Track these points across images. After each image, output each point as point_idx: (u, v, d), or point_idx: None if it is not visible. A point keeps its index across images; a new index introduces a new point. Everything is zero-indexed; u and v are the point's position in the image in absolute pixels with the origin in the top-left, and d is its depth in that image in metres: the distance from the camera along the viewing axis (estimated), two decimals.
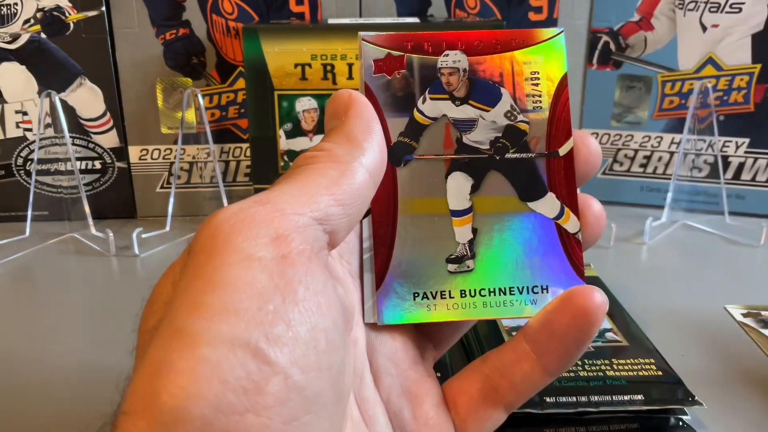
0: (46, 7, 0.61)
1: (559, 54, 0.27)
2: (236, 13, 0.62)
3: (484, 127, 0.26)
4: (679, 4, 0.63)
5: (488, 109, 0.26)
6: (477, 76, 0.26)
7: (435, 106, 0.26)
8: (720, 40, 0.63)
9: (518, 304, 0.26)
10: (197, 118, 0.61)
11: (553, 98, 0.26)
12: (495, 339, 0.37)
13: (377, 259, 0.25)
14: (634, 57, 0.65)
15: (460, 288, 0.26)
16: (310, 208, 0.20)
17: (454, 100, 0.26)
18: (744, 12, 0.62)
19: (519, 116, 0.26)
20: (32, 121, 0.63)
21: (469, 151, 0.26)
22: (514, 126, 0.26)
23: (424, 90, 0.26)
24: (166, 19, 0.62)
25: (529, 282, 0.26)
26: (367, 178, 0.22)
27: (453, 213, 0.26)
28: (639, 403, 0.32)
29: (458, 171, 0.26)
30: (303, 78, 0.57)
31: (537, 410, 0.31)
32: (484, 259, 0.26)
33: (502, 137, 0.26)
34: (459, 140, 0.26)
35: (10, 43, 0.61)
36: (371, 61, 0.26)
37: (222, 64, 0.64)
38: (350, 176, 0.22)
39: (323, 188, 0.21)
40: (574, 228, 0.26)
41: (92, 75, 0.63)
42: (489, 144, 0.26)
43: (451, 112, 0.26)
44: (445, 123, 0.26)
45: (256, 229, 0.19)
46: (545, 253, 0.26)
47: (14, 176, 0.65)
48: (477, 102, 0.26)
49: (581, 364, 0.34)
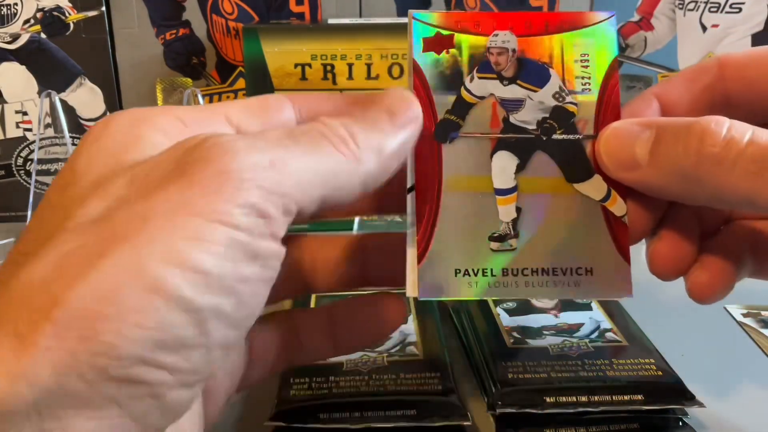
0: (46, 7, 0.61)
1: (610, 38, 0.26)
2: (236, 13, 0.62)
3: (531, 107, 0.26)
4: (679, 4, 0.63)
5: (536, 90, 0.26)
6: (526, 56, 0.26)
7: (482, 85, 0.26)
8: (720, 40, 0.63)
9: (561, 286, 0.26)
10: None
11: (603, 81, 0.26)
12: (495, 338, 0.37)
13: (420, 234, 0.25)
14: (634, 57, 0.65)
15: (502, 267, 0.26)
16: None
17: (502, 79, 0.26)
18: (744, 12, 0.62)
19: (567, 97, 0.26)
20: (32, 121, 0.63)
21: (515, 130, 0.26)
22: (562, 107, 0.26)
23: (472, 69, 0.26)
24: (166, 19, 0.62)
25: (573, 263, 0.26)
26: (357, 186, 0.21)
27: (497, 192, 0.26)
28: (639, 403, 0.32)
29: (504, 150, 0.26)
30: (303, 78, 0.57)
31: (537, 410, 0.31)
32: (528, 239, 0.26)
33: (550, 118, 0.26)
34: (506, 119, 0.26)
35: (10, 43, 0.61)
36: (420, 38, 0.26)
37: (222, 64, 0.64)
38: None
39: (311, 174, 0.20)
40: (620, 211, 0.26)
41: (92, 75, 0.63)
42: (536, 124, 0.26)
43: (499, 92, 0.26)
44: (492, 102, 0.26)
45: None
46: (590, 235, 0.26)
47: (14, 176, 0.65)
48: (525, 82, 0.26)
49: (581, 364, 0.34)
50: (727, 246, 0.27)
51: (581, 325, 0.38)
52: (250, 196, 0.18)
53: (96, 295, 0.16)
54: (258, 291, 0.19)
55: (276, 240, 0.19)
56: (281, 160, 0.19)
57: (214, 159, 0.18)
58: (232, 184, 0.18)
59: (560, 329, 0.38)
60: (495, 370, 0.34)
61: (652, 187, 0.25)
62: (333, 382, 0.33)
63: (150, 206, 0.17)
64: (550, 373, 0.33)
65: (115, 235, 0.17)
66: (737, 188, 0.22)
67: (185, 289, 0.17)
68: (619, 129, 0.26)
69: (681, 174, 0.23)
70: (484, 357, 0.36)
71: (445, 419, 0.31)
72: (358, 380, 0.33)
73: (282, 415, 0.31)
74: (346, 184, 0.21)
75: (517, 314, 0.39)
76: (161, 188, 0.18)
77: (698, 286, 0.26)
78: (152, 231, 0.17)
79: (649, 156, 0.24)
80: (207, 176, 0.18)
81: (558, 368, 0.33)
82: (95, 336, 0.16)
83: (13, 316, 0.16)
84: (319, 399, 0.31)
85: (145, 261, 0.17)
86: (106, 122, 0.21)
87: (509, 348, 0.36)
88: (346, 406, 0.31)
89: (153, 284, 0.16)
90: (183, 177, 0.18)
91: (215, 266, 0.17)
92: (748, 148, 0.22)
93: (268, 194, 0.18)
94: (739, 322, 0.43)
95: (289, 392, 0.32)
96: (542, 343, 0.36)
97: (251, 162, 0.18)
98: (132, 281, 0.16)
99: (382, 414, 0.31)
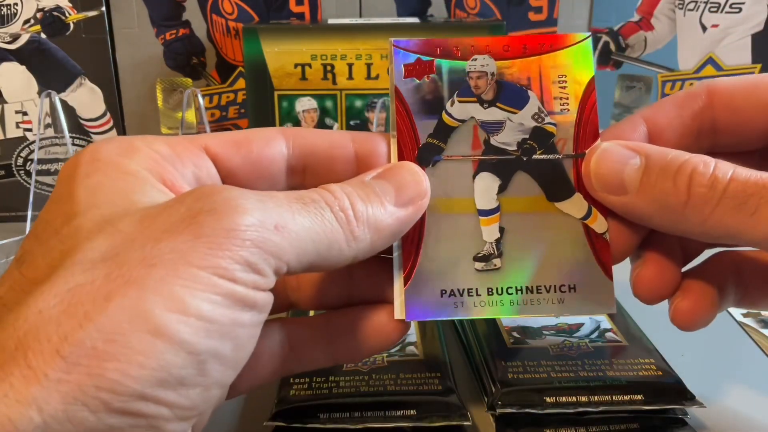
0: (46, 7, 0.61)
1: (586, 58, 0.27)
2: (236, 13, 0.62)
3: (511, 129, 0.27)
4: (679, 4, 0.63)
5: (516, 111, 0.27)
6: (504, 79, 0.27)
7: (463, 109, 0.27)
8: (720, 40, 0.63)
9: (545, 303, 0.26)
10: (197, 119, 0.61)
11: (581, 101, 0.27)
12: (495, 339, 0.37)
13: (405, 257, 0.26)
14: (634, 57, 0.65)
15: (487, 286, 0.26)
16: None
17: (482, 102, 0.27)
18: (744, 12, 0.62)
19: (546, 118, 0.27)
20: (32, 121, 0.63)
21: (496, 152, 0.27)
22: (542, 128, 0.27)
23: (452, 93, 0.27)
24: (166, 19, 0.62)
25: (556, 281, 0.26)
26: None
27: (480, 212, 0.26)
28: (639, 403, 0.32)
29: (486, 171, 0.27)
30: (303, 78, 0.57)
31: (537, 410, 0.31)
32: (512, 258, 0.26)
33: (530, 139, 0.27)
34: (487, 142, 0.27)
35: (10, 43, 0.61)
36: (402, 65, 0.27)
37: (222, 64, 0.64)
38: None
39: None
40: (601, 228, 0.26)
41: (92, 75, 0.63)
42: (516, 145, 0.27)
43: (479, 115, 0.27)
44: (473, 125, 0.27)
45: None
46: (573, 252, 0.26)
47: (14, 176, 0.65)
48: (504, 104, 0.27)
49: (581, 363, 0.34)
50: (710, 274, 0.27)
51: (581, 325, 0.38)
52: (251, 256, 0.19)
53: (104, 335, 0.17)
54: (252, 333, 0.21)
55: (267, 291, 0.21)
56: (285, 225, 0.20)
57: (223, 214, 0.19)
58: (236, 242, 0.19)
59: (560, 329, 0.38)
60: (495, 370, 0.34)
61: (636, 214, 0.26)
62: (333, 382, 0.33)
63: (157, 253, 0.19)
64: (550, 373, 0.33)
65: (123, 277, 0.18)
66: (720, 224, 0.23)
67: (186, 334, 0.18)
68: (609, 151, 0.26)
69: (668, 207, 0.24)
70: (484, 357, 0.36)
71: (445, 419, 0.31)
72: (358, 380, 0.33)
73: (282, 415, 0.31)
74: (337, 258, 0.22)
75: None
76: (170, 235, 0.19)
77: (681, 313, 0.27)
78: (158, 278, 0.18)
79: (638, 185, 0.25)
80: (214, 230, 0.19)
81: (558, 368, 0.33)
82: (101, 373, 0.17)
83: (24, 347, 0.17)
84: (319, 399, 0.31)
85: (150, 306, 0.18)
86: (92, 155, 0.22)
87: (509, 348, 0.36)
88: (346, 406, 0.31)
89: (156, 328, 0.18)
90: (191, 227, 0.19)
91: (214, 313, 0.19)
92: (730, 185, 0.23)
93: (266, 255, 0.20)
94: (739, 322, 0.43)
95: (289, 392, 0.32)
96: (542, 343, 0.36)
97: (257, 222, 0.20)
98: (137, 325, 0.18)
99: (382, 414, 0.31)
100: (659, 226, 0.26)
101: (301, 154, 0.26)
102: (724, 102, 0.27)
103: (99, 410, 0.17)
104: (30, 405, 0.17)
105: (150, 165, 0.22)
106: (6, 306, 0.19)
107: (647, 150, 0.25)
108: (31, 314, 0.18)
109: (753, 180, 0.23)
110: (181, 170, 0.23)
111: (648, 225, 0.26)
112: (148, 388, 0.18)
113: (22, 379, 0.17)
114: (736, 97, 0.27)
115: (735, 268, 0.28)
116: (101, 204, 0.21)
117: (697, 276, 0.27)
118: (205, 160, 0.24)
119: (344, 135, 0.26)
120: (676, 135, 0.27)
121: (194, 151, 0.24)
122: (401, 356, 0.35)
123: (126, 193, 0.21)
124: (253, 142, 0.25)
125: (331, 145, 0.26)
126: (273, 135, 0.25)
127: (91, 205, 0.21)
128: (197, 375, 0.19)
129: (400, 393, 0.32)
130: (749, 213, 0.23)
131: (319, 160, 0.26)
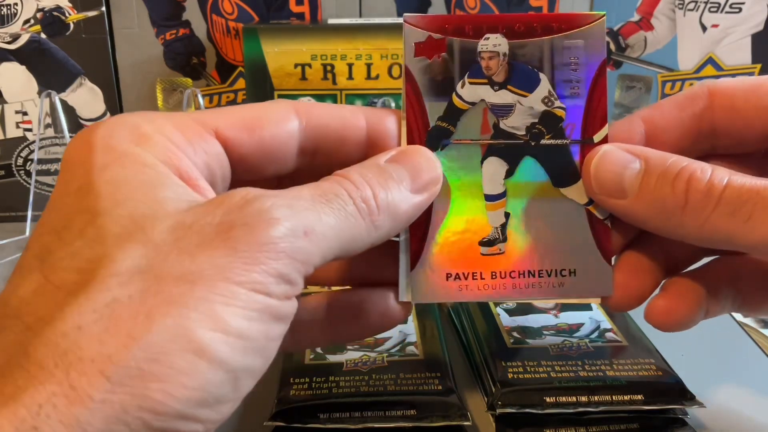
0: (46, 7, 0.61)
1: (599, 39, 0.26)
2: (236, 13, 0.62)
3: (521, 113, 0.26)
4: (679, 4, 0.63)
5: (526, 95, 0.26)
6: (516, 60, 0.26)
7: (473, 91, 0.26)
8: (720, 40, 0.63)
9: (546, 287, 0.27)
10: None
11: (591, 85, 0.26)
12: (495, 339, 0.37)
13: (413, 240, 0.26)
14: (634, 57, 0.65)
15: (491, 270, 0.26)
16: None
17: (492, 84, 0.26)
18: (744, 12, 0.62)
19: (556, 102, 0.26)
20: (32, 121, 0.63)
21: (505, 136, 0.26)
22: (551, 112, 0.26)
23: (463, 74, 0.26)
24: (166, 19, 0.62)
25: (557, 265, 0.26)
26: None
27: (487, 197, 0.27)
28: (639, 403, 0.32)
29: (494, 156, 0.27)
30: (303, 78, 0.57)
31: (537, 410, 0.31)
32: (515, 242, 0.26)
33: (539, 123, 0.26)
34: (496, 125, 0.27)
35: (10, 43, 0.61)
36: (413, 43, 0.26)
37: (222, 65, 0.64)
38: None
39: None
40: (603, 214, 0.27)
41: (92, 75, 0.63)
42: (525, 130, 0.26)
43: (490, 97, 0.26)
44: (483, 108, 0.26)
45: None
46: (574, 237, 0.27)
47: (14, 176, 0.65)
48: (515, 87, 0.26)
49: (581, 363, 0.34)
50: (700, 277, 0.27)
51: (581, 325, 0.38)
52: (284, 267, 0.20)
53: (147, 356, 0.17)
54: (279, 343, 0.21)
55: (295, 299, 0.21)
56: (313, 229, 0.20)
57: (256, 228, 0.19)
58: (271, 256, 0.19)
59: (560, 329, 0.38)
60: (495, 370, 0.34)
61: (635, 218, 0.26)
62: (333, 382, 0.33)
63: (196, 269, 0.18)
64: (550, 373, 0.33)
65: (162, 293, 0.18)
66: (715, 229, 0.24)
67: (226, 353, 0.18)
68: (609, 154, 0.26)
69: (666, 212, 0.24)
70: (484, 357, 0.36)
71: (445, 419, 0.31)
72: (358, 380, 0.33)
73: (282, 415, 0.31)
74: (359, 247, 0.23)
75: (517, 314, 0.39)
76: (206, 250, 0.19)
77: (654, 310, 0.27)
78: (199, 296, 0.18)
79: (637, 189, 0.25)
80: (249, 245, 0.19)
81: (558, 368, 0.33)
82: (145, 393, 0.17)
83: (65, 365, 0.17)
84: (319, 399, 0.31)
85: (193, 326, 0.18)
86: (105, 142, 0.21)
87: (509, 348, 0.36)
88: (346, 406, 0.31)
89: (200, 348, 0.18)
90: (227, 242, 0.19)
91: (251, 330, 0.19)
92: (726, 191, 0.23)
93: (297, 264, 0.20)
94: (739, 322, 0.43)
95: (289, 392, 0.32)
96: (542, 343, 0.36)
97: (288, 231, 0.20)
98: (180, 344, 0.18)
99: (382, 414, 0.31)
100: (657, 229, 0.26)
101: (313, 136, 0.25)
102: (724, 103, 0.27)
103: (139, 429, 0.17)
104: (74, 427, 0.17)
105: (165, 156, 0.22)
106: (36, 315, 0.18)
107: (647, 154, 0.25)
108: (70, 330, 0.17)
109: (747, 186, 0.23)
110: (193, 159, 0.23)
111: (646, 228, 0.26)
112: (189, 407, 0.18)
113: (64, 399, 0.17)
114: (737, 98, 0.27)
115: (733, 274, 0.28)
116: (125, 201, 0.20)
117: (682, 278, 0.28)
118: (216, 146, 0.24)
119: (357, 113, 0.26)
120: (675, 136, 0.27)
121: (205, 137, 0.23)
122: (401, 356, 0.35)
123: (149, 189, 0.21)
124: (265, 124, 0.24)
125: (344, 125, 0.25)
126: (285, 114, 0.25)
127: (115, 203, 0.20)
128: (232, 392, 0.19)
129: (400, 393, 0.32)
130: (743, 219, 0.23)
131: (331, 140, 0.26)
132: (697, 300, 0.27)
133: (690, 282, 0.27)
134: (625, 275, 0.27)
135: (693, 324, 0.27)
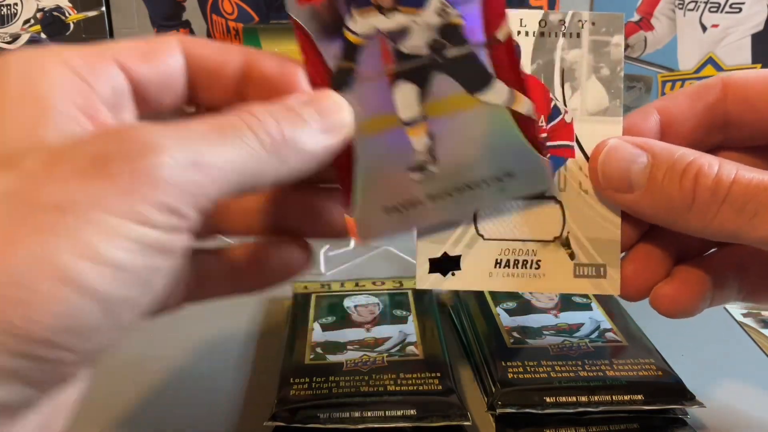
0: (46, 7, 0.61)
1: None
2: (236, 13, 0.62)
3: (418, 32, 0.26)
4: (679, 4, 0.63)
5: (418, 12, 0.26)
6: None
7: (365, 22, 0.26)
8: (720, 40, 0.63)
9: (489, 195, 0.27)
10: None
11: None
12: (495, 339, 0.37)
13: (343, 185, 0.26)
14: (634, 57, 0.65)
15: (428, 193, 0.26)
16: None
17: (382, 10, 0.26)
18: (744, 12, 0.62)
19: (451, 11, 0.26)
20: None
21: (408, 59, 0.26)
22: (448, 23, 0.26)
23: (349, 7, 0.25)
24: (166, 19, 0.62)
25: (494, 171, 0.26)
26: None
27: (405, 123, 0.26)
28: (639, 403, 0.32)
29: (402, 81, 0.26)
30: None
31: (537, 410, 0.31)
32: (447, 161, 0.26)
33: (439, 36, 0.26)
34: (397, 51, 0.26)
35: (10, 43, 0.61)
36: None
37: None
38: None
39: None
40: (526, 108, 0.26)
41: None
42: (427, 47, 0.26)
43: (382, 24, 0.26)
44: (379, 37, 0.26)
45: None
46: (504, 139, 0.26)
47: None
48: (405, 6, 0.26)
49: (581, 363, 0.34)
50: (706, 266, 0.27)
51: (581, 325, 0.38)
52: (168, 198, 0.19)
53: (9, 281, 0.17)
54: (167, 276, 0.20)
55: (188, 233, 0.20)
56: (203, 159, 0.19)
57: (134, 156, 0.19)
58: (149, 183, 0.18)
59: (560, 329, 0.38)
60: (495, 370, 0.34)
61: (643, 213, 0.26)
62: (333, 382, 0.33)
63: (67, 198, 0.18)
64: (550, 373, 0.33)
65: (30, 221, 0.17)
66: (722, 226, 0.24)
67: (96, 281, 0.18)
68: (616, 148, 0.26)
69: (673, 209, 0.25)
70: (484, 357, 0.36)
71: (445, 419, 0.31)
72: (358, 380, 0.33)
73: (282, 415, 0.31)
74: (262, 181, 0.22)
75: (517, 314, 0.39)
76: (80, 179, 0.18)
77: (661, 297, 0.27)
78: (69, 224, 0.17)
79: (644, 184, 0.25)
80: (125, 173, 0.18)
81: (558, 368, 0.33)
82: (5, 318, 0.17)
83: None
84: (319, 399, 0.31)
85: (60, 253, 0.17)
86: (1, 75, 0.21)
87: (509, 348, 0.36)
88: (346, 406, 0.31)
89: (65, 275, 0.17)
90: (102, 171, 0.18)
91: (128, 261, 0.18)
92: (733, 187, 0.23)
93: (184, 194, 0.19)
94: (739, 322, 0.43)
95: (289, 392, 0.32)
96: (542, 343, 0.36)
97: (171, 161, 0.19)
98: (45, 271, 0.17)
99: (382, 414, 0.31)
100: (665, 223, 0.26)
101: (201, 69, 0.25)
102: (737, 95, 0.27)
103: (1, 353, 0.17)
104: None
105: (64, 86, 0.21)
106: None
107: (654, 148, 0.25)
108: None
109: (755, 182, 0.23)
110: (96, 87, 0.22)
111: (654, 222, 0.26)
112: (54, 335, 0.17)
113: None
114: (750, 90, 0.27)
115: (739, 263, 0.28)
116: (10, 142, 0.20)
117: (688, 266, 0.28)
118: (118, 73, 0.23)
119: (235, 47, 0.25)
120: (689, 127, 0.27)
121: (108, 64, 0.23)
122: (401, 356, 0.35)
123: (32, 128, 0.20)
124: (157, 51, 0.24)
125: (220, 52, 0.25)
126: (173, 44, 0.24)
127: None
128: (107, 321, 0.18)
129: (400, 393, 0.32)
130: (750, 216, 0.23)
131: (210, 74, 0.25)
132: (703, 288, 0.27)
133: (696, 270, 0.27)
134: (637, 265, 0.27)
135: (698, 311, 0.27)
